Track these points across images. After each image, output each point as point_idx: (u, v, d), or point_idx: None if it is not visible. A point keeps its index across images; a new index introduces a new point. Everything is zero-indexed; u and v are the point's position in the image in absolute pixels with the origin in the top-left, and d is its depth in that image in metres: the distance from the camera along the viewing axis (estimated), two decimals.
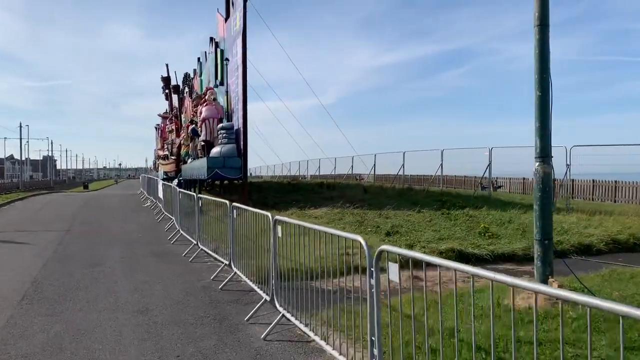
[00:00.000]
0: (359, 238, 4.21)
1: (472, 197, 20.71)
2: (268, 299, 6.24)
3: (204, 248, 10.69)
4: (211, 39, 30.51)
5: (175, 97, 44.17)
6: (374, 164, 37.91)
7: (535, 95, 6.55)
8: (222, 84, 24.11)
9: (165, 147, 41.10)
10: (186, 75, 41.19)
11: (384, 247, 3.87)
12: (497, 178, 30.58)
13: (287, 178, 43.51)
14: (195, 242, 11.22)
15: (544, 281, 6.32)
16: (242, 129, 20.06)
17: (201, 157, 24.57)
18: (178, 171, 37.93)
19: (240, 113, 20.14)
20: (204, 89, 23.69)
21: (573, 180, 24.34)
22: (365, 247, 4.06)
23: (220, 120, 22.43)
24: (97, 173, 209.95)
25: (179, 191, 13.51)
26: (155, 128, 51.35)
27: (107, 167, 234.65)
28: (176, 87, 40.64)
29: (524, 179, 29.59)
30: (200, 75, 33.52)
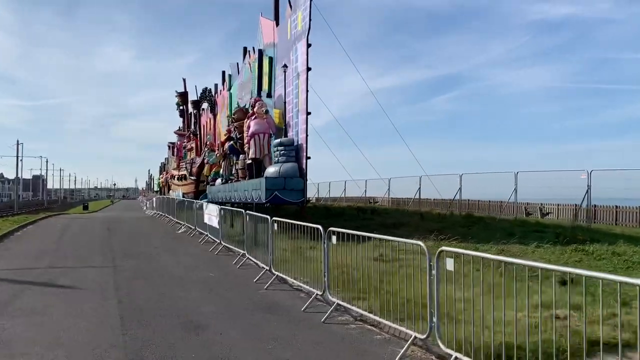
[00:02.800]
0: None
1: (569, 228, 17.94)
2: None
3: (333, 299, 7.74)
4: (245, 49, 27.97)
5: (195, 113, 41.42)
6: (389, 188, 35.71)
7: None
8: (269, 95, 21.36)
9: (184, 166, 38.12)
10: (205, 91, 38.48)
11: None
12: (543, 204, 27.94)
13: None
14: (309, 291, 8.22)
15: None
16: (304, 145, 17.25)
17: (241, 178, 21.74)
18: (197, 193, 35.02)
19: (302, 127, 17.36)
20: (251, 100, 20.88)
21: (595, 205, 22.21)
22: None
23: (271, 136, 19.62)
24: (88, 193, 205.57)
25: (271, 220, 10.55)
26: (169, 146, 48.45)
27: (98, 187, 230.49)
28: (196, 102, 37.86)
29: (575, 205, 26.74)
30: (229, 89, 30.78)
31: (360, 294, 7.63)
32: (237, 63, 29.67)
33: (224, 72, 35.74)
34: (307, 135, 17.08)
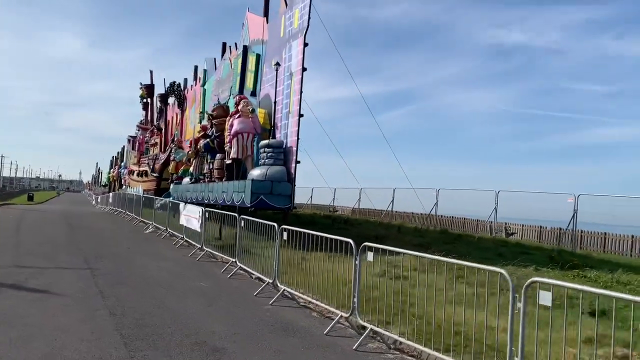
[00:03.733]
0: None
1: (555, 251, 17.76)
2: None
3: (366, 324, 6.90)
4: (224, 44, 26.83)
5: (160, 107, 39.62)
6: (359, 198, 35.32)
7: None
8: (253, 94, 20.33)
9: (145, 161, 36.31)
10: (173, 84, 36.89)
11: None
12: (507, 223, 28.10)
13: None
14: (326, 310, 7.34)
15: None
16: (293, 148, 16.34)
17: (217, 179, 20.58)
18: (159, 190, 33.38)
19: (293, 129, 16.45)
20: (235, 98, 19.78)
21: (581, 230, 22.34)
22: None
23: (255, 136, 18.59)
24: (29, 183, 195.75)
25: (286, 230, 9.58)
26: (129, 140, 46.20)
27: (41, 177, 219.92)
28: (164, 96, 36.18)
29: (540, 227, 26.87)
30: (203, 85, 29.47)
31: (386, 316, 6.83)
32: (214, 58, 28.42)
33: (196, 67, 34.36)
34: (298, 139, 16.17)
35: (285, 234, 9.13)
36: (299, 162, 16.23)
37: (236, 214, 11.97)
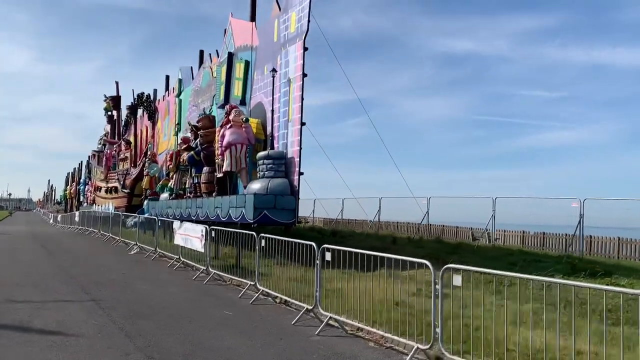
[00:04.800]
0: None
1: (564, 257, 17.41)
2: None
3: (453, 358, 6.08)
4: (201, 52, 25.74)
5: (127, 120, 37.78)
6: (342, 208, 34.61)
7: None
8: (242, 103, 19.31)
9: (115, 177, 34.46)
10: (141, 96, 35.31)
11: None
12: (489, 230, 27.95)
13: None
14: (387, 340, 6.47)
15: None
16: (295, 159, 15.43)
17: (204, 194, 19.41)
18: (130, 207, 31.70)
19: (294, 139, 15.56)
20: (225, 107, 18.70)
21: (591, 236, 22.35)
22: None
23: (248, 147, 17.57)
24: None
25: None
26: (93, 155, 43.89)
27: None
28: (133, 107, 34.53)
29: (523, 232, 26.78)
30: (178, 95, 28.18)
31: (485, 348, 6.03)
32: (191, 67, 27.19)
33: (167, 77, 32.98)
34: (300, 149, 15.27)
35: (328, 255, 8.19)
36: (302, 173, 15.33)
37: (254, 233, 10.93)
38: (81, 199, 66.38)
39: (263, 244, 10.37)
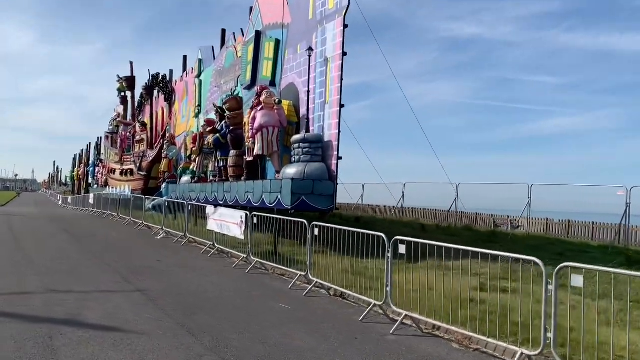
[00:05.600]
0: None
1: (607, 248, 16.77)
2: None
3: None
4: (223, 31, 24.91)
5: (143, 101, 37.02)
6: (362, 194, 33.98)
7: None
8: (272, 84, 18.54)
9: (130, 159, 33.82)
10: (157, 76, 34.52)
11: None
12: (514, 217, 27.28)
13: None
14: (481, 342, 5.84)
15: None
16: (333, 143, 14.72)
17: (231, 178, 18.78)
18: (146, 190, 31.11)
19: (332, 121, 14.83)
20: (256, 88, 17.95)
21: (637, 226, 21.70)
22: None
23: (281, 130, 16.85)
24: None
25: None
26: (107, 136, 43.19)
27: None
28: (149, 88, 33.74)
29: (547, 219, 26.03)
30: (198, 76, 27.40)
31: None
32: (212, 47, 26.37)
33: (185, 57, 32.17)
34: (339, 132, 14.55)
35: (403, 247, 7.53)
36: (340, 158, 14.62)
37: (304, 220, 10.27)
38: (89, 181, 65.96)
39: (316, 232, 9.71)
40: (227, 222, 13.43)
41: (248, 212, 12.41)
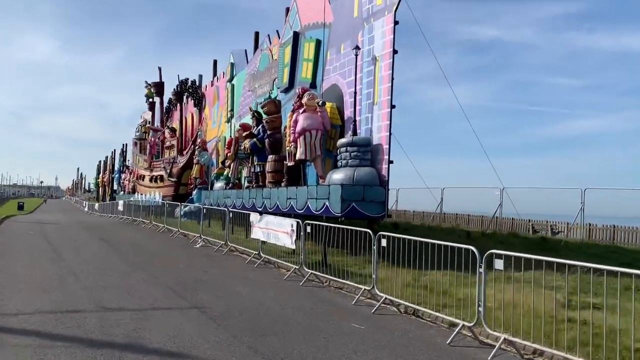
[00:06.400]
0: None
1: None
2: None
3: None
4: (257, 34, 24.35)
5: (171, 107, 36.71)
6: (397, 199, 33.03)
7: None
8: (312, 86, 17.84)
9: (160, 165, 33.45)
10: (185, 82, 34.14)
11: None
12: (553, 222, 26.09)
13: None
14: None
15: None
16: (383, 146, 13.93)
17: (270, 184, 18.14)
18: (177, 196, 30.67)
19: (382, 123, 14.05)
20: (297, 90, 17.26)
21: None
22: None
23: (324, 134, 16.12)
24: (4, 191, 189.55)
25: None
26: (135, 142, 43.03)
27: (18, 184, 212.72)
28: (179, 94, 33.37)
29: (589, 224, 24.75)
30: (230, 80, 26.87)
31: None
32: (245, 50, 25.81)
33: (215, 61, 31.71)
34: (390, 134, 13.76)
35: (500, 262, 6.69)
36: (391, 162, 13.81)
37: (368, 230, 9.50)
38: (114, 188, 66.13)
39: (384, 243, 8.92)
40: (275, 230, 12.72)
41: (300, 221, 11.67)
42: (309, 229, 11.30)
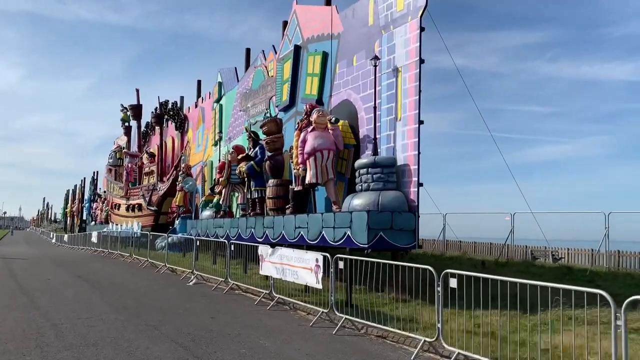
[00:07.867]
0: None
1: None
2: None
3: None
4: (248, 51, 22.79)
5: (147, 131, 34.51)
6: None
7: None
8: (319, 102, 16.17)
9: (139, 193, 31.09)
10: (165, 104, 32.19)
11: None
12: (553, 248, 24.90)
13: None
14: None
15: None
16: (411, 167, 12.28)
17: (270, 211, 16.33)
18: (156, 226, 28.39)
19: (407, 141, 12.44)
20: (305, 107, 15.54)
21: None
22: None
23: (336, 154, 14.41)
24: None
25: None
26: (109, 169, 40.43)
27: None
28: (159, 116, 31.33)
29: (592, 250, 23.59)
30: (218, 100, 25.08)
31: None
32: (235, 68, 24.11)
33: (199, 82, 29.93)
34: (419, 153, 12.12)
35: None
36: (421, 184, 12.15)
37: (430, 268, 7.71)
38: (84, 217, 62.88)
39: (453, 284, 7.13)
40: (293, 266, 10.80)
41: (326, 254, 9.81)
42: (341, 264, 9.44)
